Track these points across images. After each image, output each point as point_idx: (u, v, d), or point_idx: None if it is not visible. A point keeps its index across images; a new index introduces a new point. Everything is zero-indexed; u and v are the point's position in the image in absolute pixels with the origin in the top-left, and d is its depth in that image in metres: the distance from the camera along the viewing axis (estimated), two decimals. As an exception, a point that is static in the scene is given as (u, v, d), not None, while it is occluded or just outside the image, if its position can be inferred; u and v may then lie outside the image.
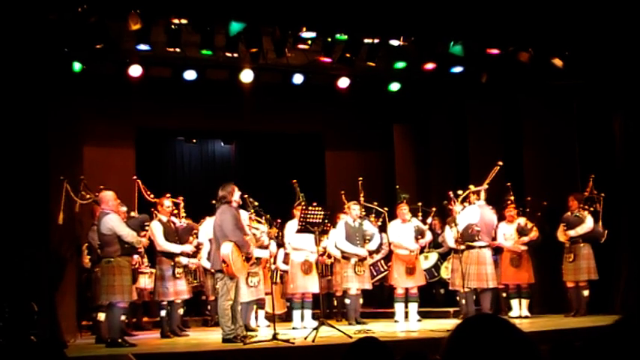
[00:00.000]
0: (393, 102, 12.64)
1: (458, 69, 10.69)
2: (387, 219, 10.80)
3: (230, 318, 7.83)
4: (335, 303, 11.11)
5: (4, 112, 7.79)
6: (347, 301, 10.12)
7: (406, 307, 10.15)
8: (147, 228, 8.70)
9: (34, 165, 7.85)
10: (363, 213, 10.24)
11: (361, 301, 10.31)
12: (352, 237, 9.92)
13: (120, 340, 7.95)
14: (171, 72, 10.62)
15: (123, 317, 8.36)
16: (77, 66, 9.35)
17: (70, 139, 9.11)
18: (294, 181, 9.96)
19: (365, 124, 13.28)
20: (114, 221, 8.12)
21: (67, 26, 8.24)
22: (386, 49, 10.03)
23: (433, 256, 11.28)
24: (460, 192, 9.78)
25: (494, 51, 10.16)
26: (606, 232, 9.91)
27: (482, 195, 9.74)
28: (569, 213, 10.02)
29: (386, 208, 10.90)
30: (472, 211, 9.63)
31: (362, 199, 10.38)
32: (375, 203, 10.83)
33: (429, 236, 10.59)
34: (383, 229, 10.68)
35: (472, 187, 9.76)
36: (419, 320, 10.08)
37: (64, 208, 8.32)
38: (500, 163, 9.77)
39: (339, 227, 9.94)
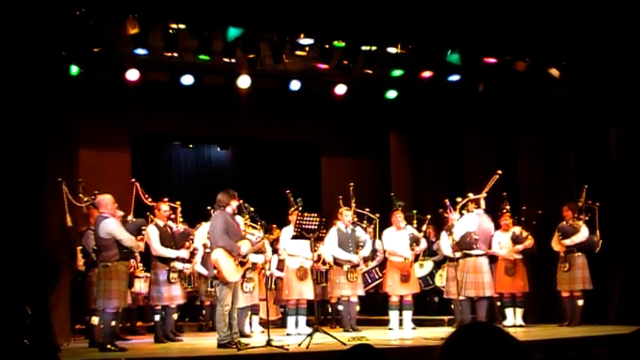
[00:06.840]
0: (389, 109, 12.66)
1: (455, 77, 10.72)
2: (377, 225, 10.79)
3: (226, 324, 7.82)
4: (329, 310, 11.09)
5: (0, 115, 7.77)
6: (340, 307, 10.09)
7: (400, 314, 10.12)
8: (143, 232, 8.67)
9: (29, 167, 7.81)
10: (355, 219, 10.23)
11: (358, 308, 10.29)
12: (345, 243, 9.87)
13: (109, 346, 7.90)
14: (168, 77, 10.63)
15: (113, 322, 8.30)
16: (74, 69, 9.35)
17: (66, 143, 9.08)
18: (288, 191, 9.91)
19: (361, 132, 13.30)
20: (113, 225, 8.05)
21: (64, 29, 8.24)
22: (383, 56, 10.05)
23: (428, 264, 11.27)
24: (459, 199, 9.77)
25: (492, 60, 10.18)
26: (600, 242, 9.91)
27: (482, 203, 9.74)
28: (564, 222, 10.01)
29: (377, 215, 10.88)
30: (470, 219, 9.62)
31: (353, 205, 10.37)
32: (367, 209, 10.82)
33: (423, 244, 10.56)
34: (378, 235, 10.68)
35: (470, 195, 9.75)
36: (413, 328, 10.05)
37: (64, 209, 8.31)
38: (500, 171, 9.75)
39: (332, 234, 9.87)
